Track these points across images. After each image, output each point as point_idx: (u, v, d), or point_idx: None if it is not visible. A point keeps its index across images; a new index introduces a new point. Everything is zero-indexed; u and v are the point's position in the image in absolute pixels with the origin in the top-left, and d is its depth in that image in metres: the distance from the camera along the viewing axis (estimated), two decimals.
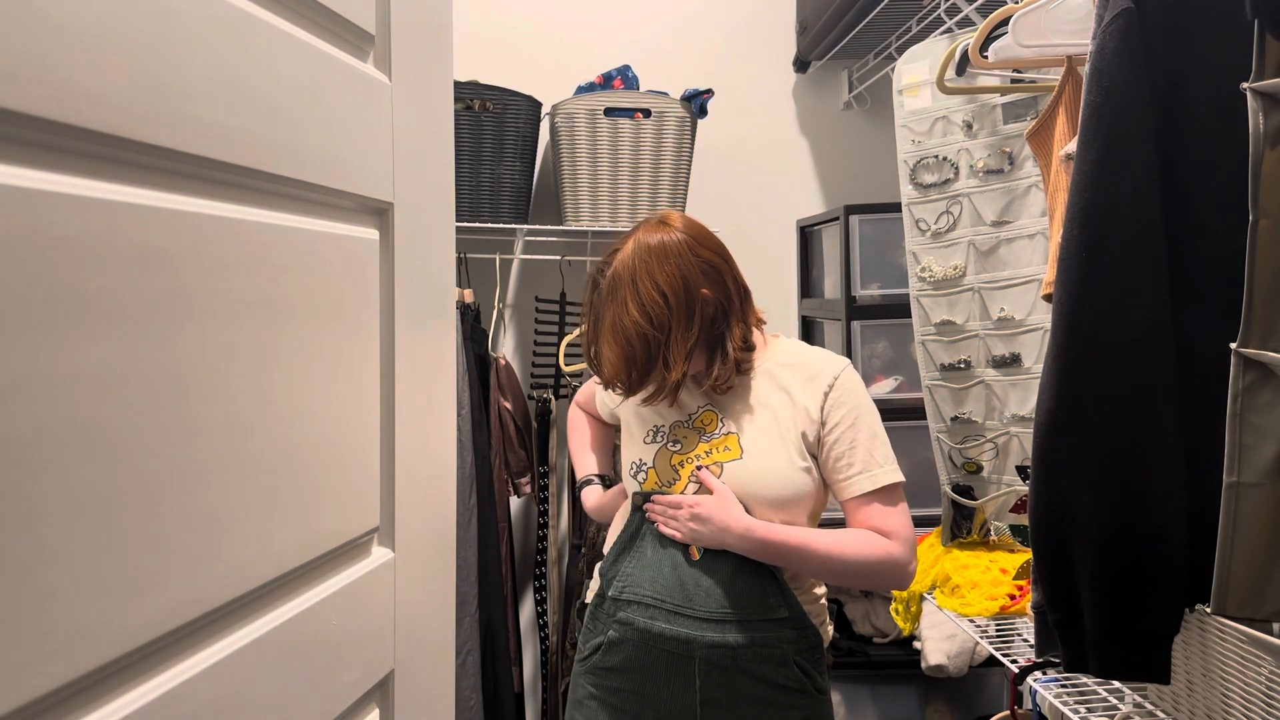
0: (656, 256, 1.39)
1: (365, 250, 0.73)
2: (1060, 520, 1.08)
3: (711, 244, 1.43)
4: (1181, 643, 1.14)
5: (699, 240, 1.42)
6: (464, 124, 2.32)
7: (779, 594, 1.38)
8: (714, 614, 1.36)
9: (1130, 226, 1.02)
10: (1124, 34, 1.01)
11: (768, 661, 1.37)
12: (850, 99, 2.83)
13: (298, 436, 0.63)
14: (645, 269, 1.39)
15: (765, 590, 1.37)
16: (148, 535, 0.49)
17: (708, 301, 1.39)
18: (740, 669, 1.36)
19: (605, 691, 1.44)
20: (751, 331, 1.45)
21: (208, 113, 0.53)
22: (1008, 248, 1.76)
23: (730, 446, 1.40)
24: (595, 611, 1.47)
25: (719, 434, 1.42)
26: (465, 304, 2.36)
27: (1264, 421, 0.87)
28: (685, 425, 1.45)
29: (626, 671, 1.41)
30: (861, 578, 1.42)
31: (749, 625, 1.37)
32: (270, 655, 0.60)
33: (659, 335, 1.38)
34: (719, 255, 1.43)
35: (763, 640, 1.37)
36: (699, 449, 1.42)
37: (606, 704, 1.43)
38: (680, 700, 1.37)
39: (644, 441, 1.48)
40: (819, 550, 1.35)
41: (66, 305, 0.43)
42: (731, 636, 1.36)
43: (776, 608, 1.38)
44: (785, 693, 1.38)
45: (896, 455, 1.45)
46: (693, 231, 1.42)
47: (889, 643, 2.48)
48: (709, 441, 1.42)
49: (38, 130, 0.42)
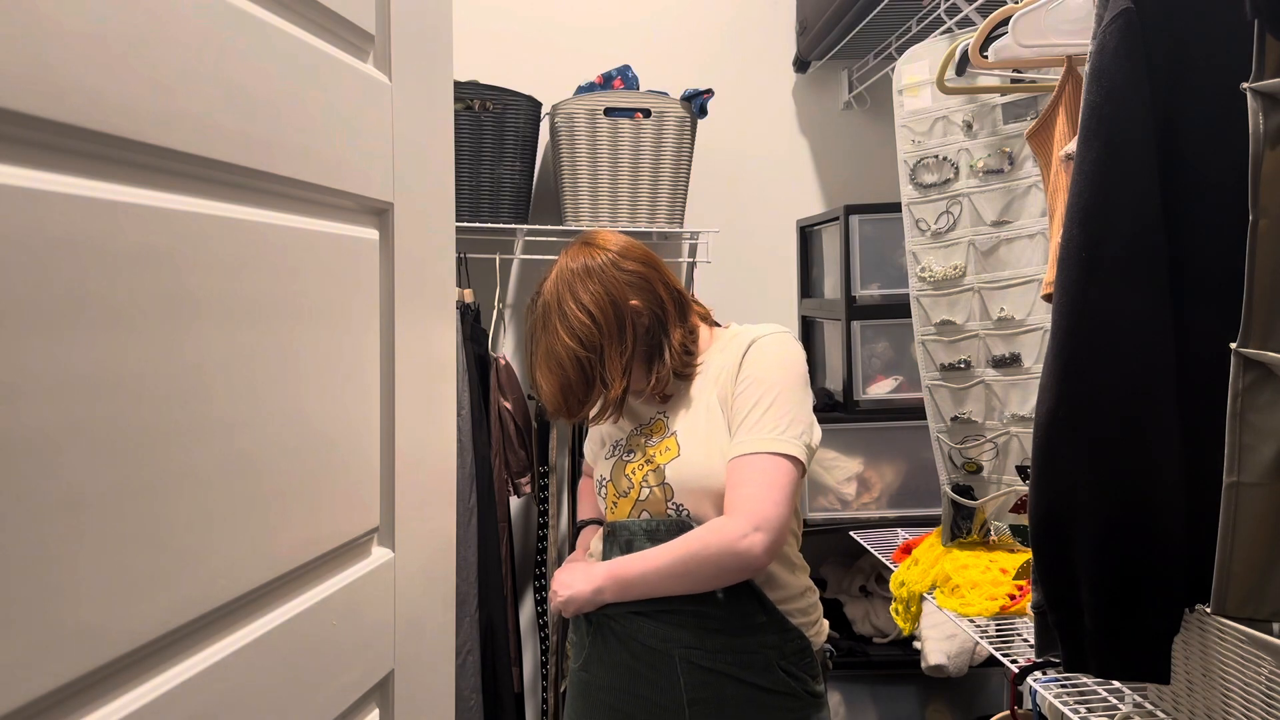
0: (580, 278, 1.40)
1: (365, 250, 0.73)
2: (1060, 520, 1.08)
3: (637, 255, 1.44)
4: (1181, 643, 1.14)
5: (623, 254, 1.43)
6: (464, 124, 2.32)
7: (754, 600, 1.35)
8: (691, 619, 1.35)
9: (1130, 226, 1.02)
10: (1124, 34, 1.01)
11: (749, 667, 1.35)
12: (850, 99, 2.83)
13: (298, 436, 0.63)
14: (570, 292, 1.40)
15: (740, 598, 1.34)
16: (147, 535, 0.49)
17: (639, 313, 1.41)
18: (720, 671, 1.35)
19: (598, 691, 1.44)
20: (694, 334, 1.45)
21: (207, 112, 0.53)
22: (1008, 248, 1.76)
23: (670, 447, 1.41)
24: (576, 620, 1.47)
25: (663, 437, 1.42)
26: (465, 304, 2.36)
27: (1264, 421, 0.87)
28: (638, 434, 1.46)
29: (614, 674, 1.42)
30: (709, 577, 1.31)
31: (726, 632, 1.35)
32: (270, 655, 0.60)
33: (592, 356, 1.39)
34: (646, 265, 1.44)
35: (742, 646, 1.35)
36: (646, 454, 1.43)
37: (601, 704, 1.44)
38: (668, 699, 1.37)
39: (605, 458, 1.50)
40: (656, 567, 1.32)
41: (66, 305, 0.43)
42: (709, 641, 1.35)
43: (753, 614, 1.35)
44: (773, 695, 1.36)
45: (896, 455, 1.44)
46: (616, 246, 1.44)
47: (889, 643, 2.48)
48: (653, 446, 1.42)
49: (38, 130, 0.42)
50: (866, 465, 2.49)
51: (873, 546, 2.22)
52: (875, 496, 2.48)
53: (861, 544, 2.27)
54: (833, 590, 2.66)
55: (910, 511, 2.43)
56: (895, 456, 2.48)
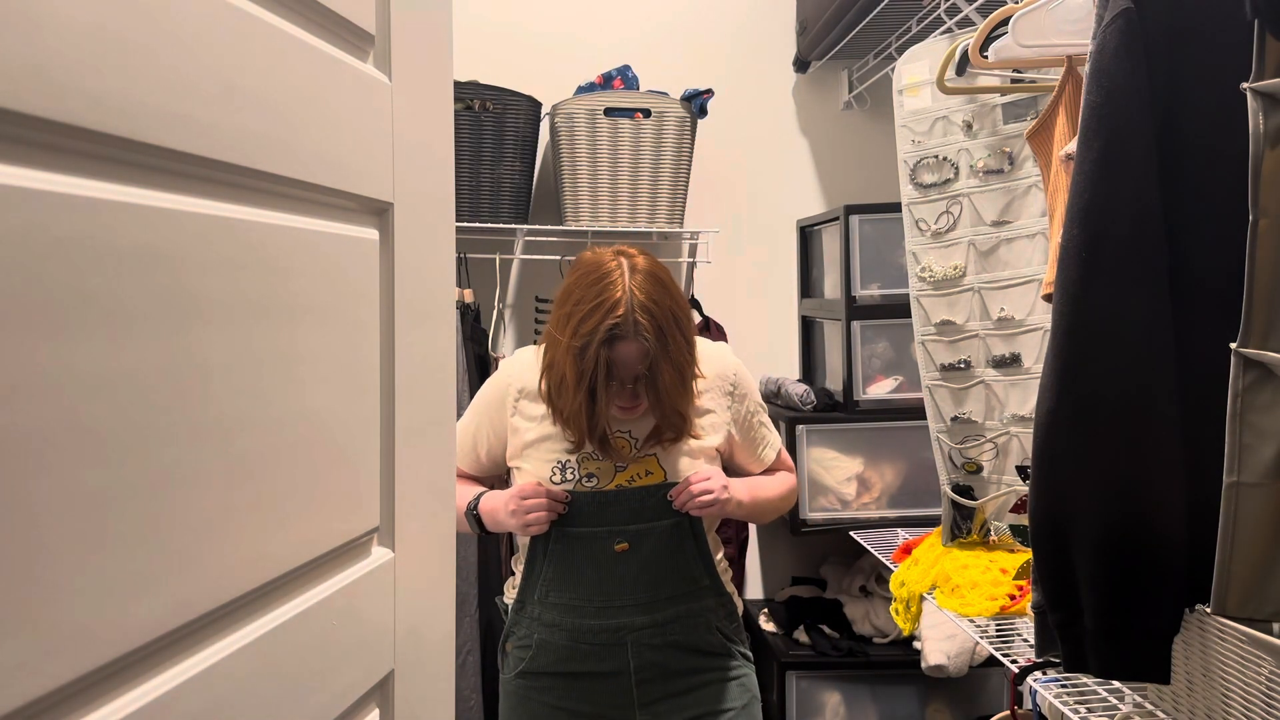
0: (664, 282, 1.41)
1: (365, 250, 0.73)
2: (1060, 520, 1.08)
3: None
4: (1181, 643, 1.14)
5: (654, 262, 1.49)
6: (464, 124, 2.32)
7: (702, 564, 1.47)
8: (640, 600, 1.41)
9: (1130, 226, 1.02)
10: (1124, 34, 1.01)
11: (693, 630, 1.45)
12: (850, 99, 2.83)
13: (298, 436, 0.63)
14: (671, 298, 1.40)
15: (690, 562, 1.45)
16: (147, 535, 0.49)
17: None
18: (670, 644, 1.43)
19: (540, 692, 1.44)
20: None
21: (207, 113, 0.53)
22: (1008, 248, 1.76)
23: (652, 469, 1.51)
24: (518, 617, 1.47)
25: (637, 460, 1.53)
26: (465, 304, 2.36)
27: (1264, 421, 0.87)
28: (595, 458, 1.48)
29: (560, 667, 1.43)
30: (785, 509, 1.68)
31: (675, 600, 1.44)
32: (270, 655, 0.60)
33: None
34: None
35: (688, 611, 1.45)
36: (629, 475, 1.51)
37: (544, 704, 1.44)
38: (617, 684, 1.41)
39: (555, 481, 1.46)
40: (770, 496, 1.58)
41: (66, 305, 0.43)
42: (659, 615, 1.43)
43: (700, 577, 1.46)
44: (710, 658, 1.47)
45: (896, 455, 1.50)
46: (644, 255, 1.47)
47: (889, 643, 2.48)
48: (626, 471, 1.50)
49: (38, 130, 0.42)
50: (866, 465, 2.49)
51: (873, 546, 2.22)
52: (875, 496, 2.48)
53: (861, 544, 2.27)
54: (833, 590, 2.66)
55: (910, 511, 2.43)
56: (895, 456, 2.48)
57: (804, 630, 2.54)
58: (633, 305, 1.34)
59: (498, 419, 1.52)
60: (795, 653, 2.48)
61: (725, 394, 1.52)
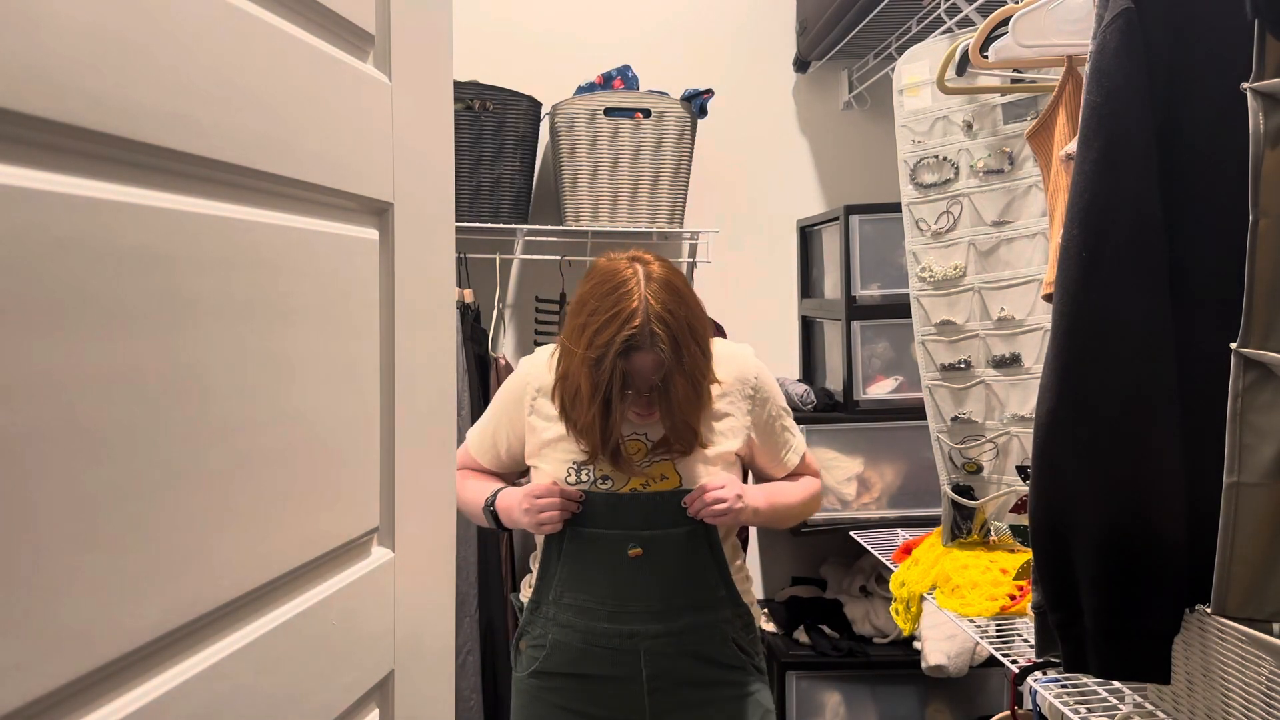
0: (681, 296, 1.39)
1: (365, 250, 0.73)
2: (1060, 520, 1.08)
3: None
4: (1181, 643, 1.14)
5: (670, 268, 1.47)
6: (464, 124, 2.32)
7: (717, 572, 1.44)
8: (654, 607, 1.39)
9: (1130, 226, 1.02)
10: (1124, 34, 1.01)
11: (709, 641, 1.43)
12: (850, 99, 2.83)
13: (298, 436, 0.63)
14: (687, 306, 1.39)
15: (705, 571, 1.43)
16: (147, 535, 0.49)
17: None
18: (683, 652, 1.41)
19: (552, 693, 1.44)
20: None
21: (207, 113, 0.53)
22: (1008, 248, 1.76)
23: (667, 474, 1.49)
24: (533, 615, 1.47)
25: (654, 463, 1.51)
26: (465, 304, 2.36)
27: (1264, 421, 0.87)
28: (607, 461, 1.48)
29: (573, 669, 1.42)
30: (809, 512, 1.64)
31: (691, 609, 1.42)
32: (270, 655, 0.60)
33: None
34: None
35: (704, 622, 1.43)
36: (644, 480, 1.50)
37: (555, 705, 1.44)
38: (628, 690, 1.40)
39: (570, 481, 1.45)
40: (790, 502, 1.56)
41: (66, 305, 0.43)
42: (673, 624, 1.40)
43: (716, 587, 1.44)
44: (726, 670, 1.45)
45: (896, 455, 1.49)
46: (659, 260, 1.45)
47: (889, 643, 2.48)
48: (642, 475, 1.49)
49: (38, 130, 0.42)
50: (866, 465, 2.49)
51: (873, 546, 2.22)
52: (875, 497, 2.48)
53: (861, 544, 2.27)
54: (833, 590, 2.66)
55: (910, 511, 2.43)
56: (895, 456, 2.48)
57: (804, 630, 2.54)
58: (649, 315, 1.33)
59: (516, 418, 1.52)
60: (795, 653, 2.48)
61: (745, 397, 1.50)
